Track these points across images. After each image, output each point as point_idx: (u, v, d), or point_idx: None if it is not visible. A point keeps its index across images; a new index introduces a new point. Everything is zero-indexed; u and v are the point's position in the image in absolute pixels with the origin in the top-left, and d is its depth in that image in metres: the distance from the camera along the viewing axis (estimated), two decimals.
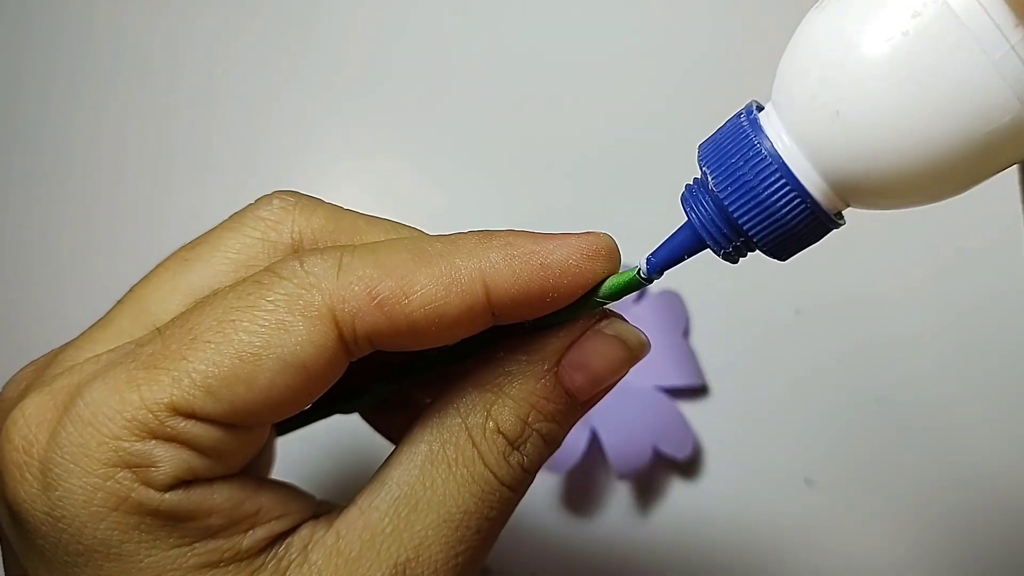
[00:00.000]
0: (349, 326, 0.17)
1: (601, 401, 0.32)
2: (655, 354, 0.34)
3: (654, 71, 0.39)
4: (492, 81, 0.40)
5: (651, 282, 0.19)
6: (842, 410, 0.34)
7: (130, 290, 0.21)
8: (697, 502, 0.34)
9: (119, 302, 0.21)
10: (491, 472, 0.19)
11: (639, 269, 0.19)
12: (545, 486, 0.34)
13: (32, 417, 0.17)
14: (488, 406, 0.19)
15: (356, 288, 0.17)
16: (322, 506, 0.20)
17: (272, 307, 0.17)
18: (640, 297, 0.34)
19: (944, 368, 0.34)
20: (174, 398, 0.17)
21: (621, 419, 0.32)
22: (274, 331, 0.17)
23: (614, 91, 0.39)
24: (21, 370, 0.20)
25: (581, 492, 0.34)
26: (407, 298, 0.18)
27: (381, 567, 0.18)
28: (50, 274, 0.39)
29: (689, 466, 0.34)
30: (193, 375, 0.17)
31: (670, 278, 0.38)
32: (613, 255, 0.19)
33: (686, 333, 0.35)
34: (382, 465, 0.20)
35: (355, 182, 0.40)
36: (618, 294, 0.19)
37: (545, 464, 0.31)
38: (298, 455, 0.32)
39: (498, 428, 0.19)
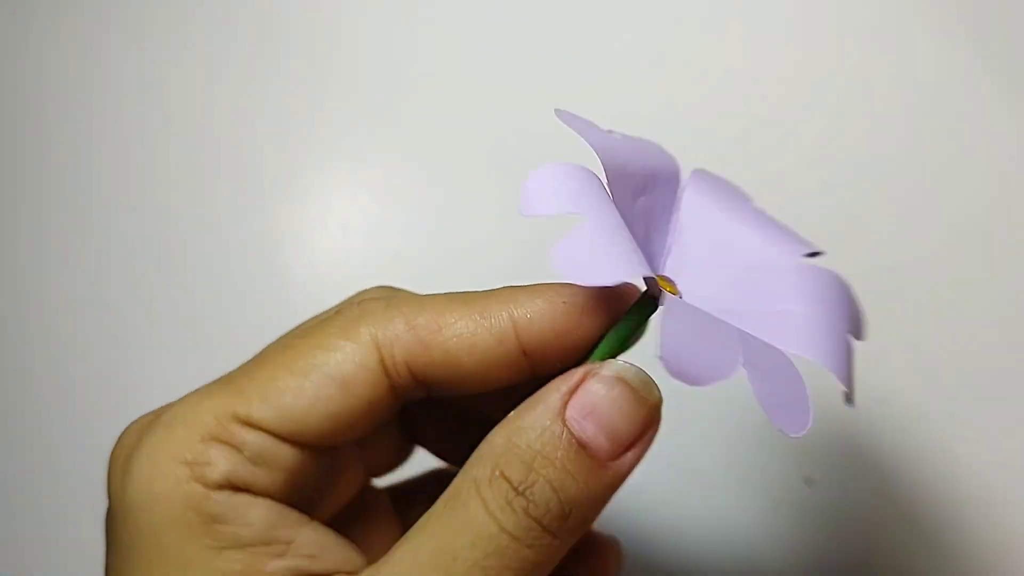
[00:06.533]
0: (388, 350, 0.20)
1: None
2: None
3: (672, 88, 0.39)
4: (495, 86, 0.40)
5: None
6: (843, 409, 0.34)
7: None
8: (697, 502, 0.34)
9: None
10: (489, 514, 0.18)
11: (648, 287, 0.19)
12: None
13: (132, 428, 0.21)
14: (496, 458, 0.19)
15: (397, 320, 0.20)
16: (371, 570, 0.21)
17: (324, 334, 0.20)
18: None
19: (942, 371, 0.35)
20: (236, 407, 0.20)
21: None
22: (323, 351, 0.20)
23: (618, 100, 0.39)
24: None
25: None
26: (440, 329, 0.20)
27: None
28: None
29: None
30: (254, 384, 0.20)
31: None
32: (629, 298, 0.20)
33: None
34: None
35: (354, 184, 0.40)
36: (635, 328, 0.20)
37: None
38: None
39: (502, 473, 0.19)
